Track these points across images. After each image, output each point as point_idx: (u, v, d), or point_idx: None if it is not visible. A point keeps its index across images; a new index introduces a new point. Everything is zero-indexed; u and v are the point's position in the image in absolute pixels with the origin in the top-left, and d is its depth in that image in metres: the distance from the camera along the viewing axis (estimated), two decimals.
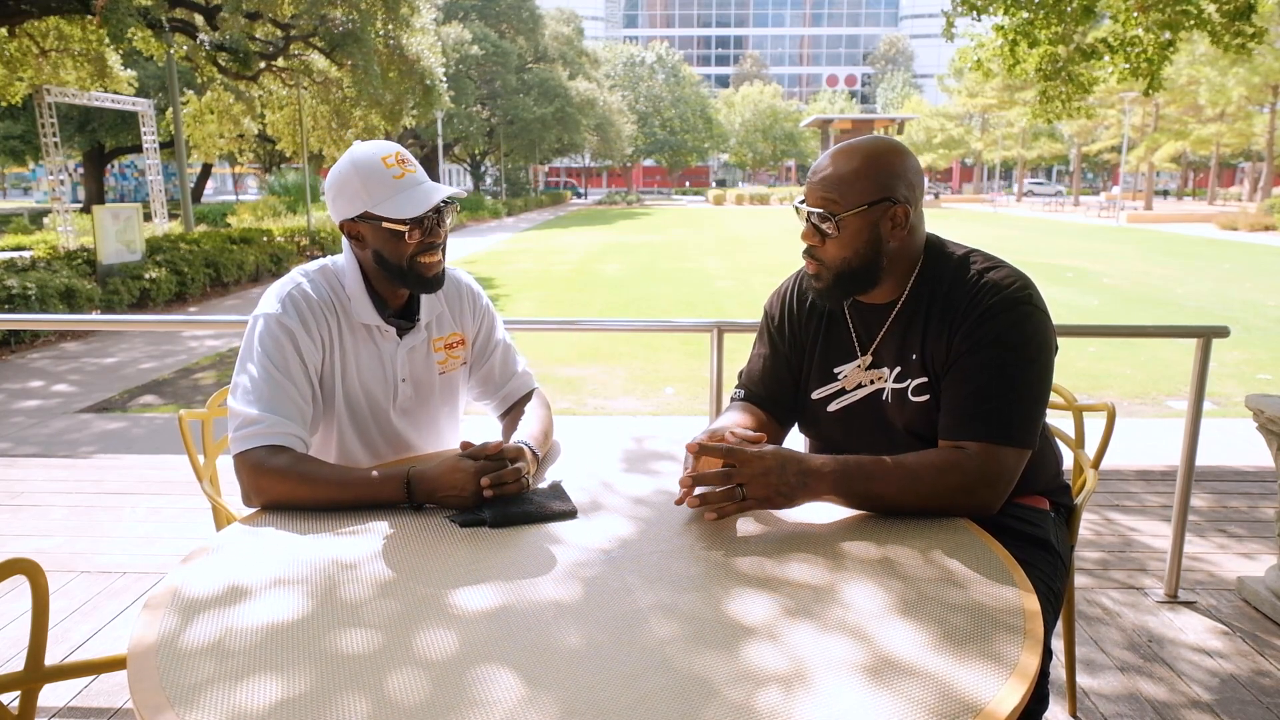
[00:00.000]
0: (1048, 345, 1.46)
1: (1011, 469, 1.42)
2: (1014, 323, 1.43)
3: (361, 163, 1.57)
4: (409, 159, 1.62)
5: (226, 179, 61.05)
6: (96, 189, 28.57)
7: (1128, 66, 6.68)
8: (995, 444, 1.40)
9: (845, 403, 1.60)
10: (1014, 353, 1.42)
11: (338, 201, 1.60)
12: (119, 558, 3.15)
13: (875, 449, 1.45)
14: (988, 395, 1.42)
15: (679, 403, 6.50)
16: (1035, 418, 1.43)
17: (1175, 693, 2.27)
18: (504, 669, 0.99)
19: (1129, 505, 3.65)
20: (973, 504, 1.41)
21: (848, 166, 1.46)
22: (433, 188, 1.60)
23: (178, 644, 1.05)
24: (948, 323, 1.47)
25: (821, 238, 1.48)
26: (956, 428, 1.44)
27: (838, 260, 1.49)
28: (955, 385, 1.46)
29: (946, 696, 0.94)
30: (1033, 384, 1.43)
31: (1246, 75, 28.10)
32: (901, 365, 1.54)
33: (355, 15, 14.48)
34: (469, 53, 36.03)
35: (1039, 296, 1.48)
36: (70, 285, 9.23)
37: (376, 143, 1.62)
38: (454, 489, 1.43)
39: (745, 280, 13.87)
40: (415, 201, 1.57)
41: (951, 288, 1.49)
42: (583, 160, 62.73)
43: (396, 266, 1.61)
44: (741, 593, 1.17)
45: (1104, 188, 58.28)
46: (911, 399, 1.52)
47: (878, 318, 1.57)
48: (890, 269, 1.51)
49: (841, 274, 1.50)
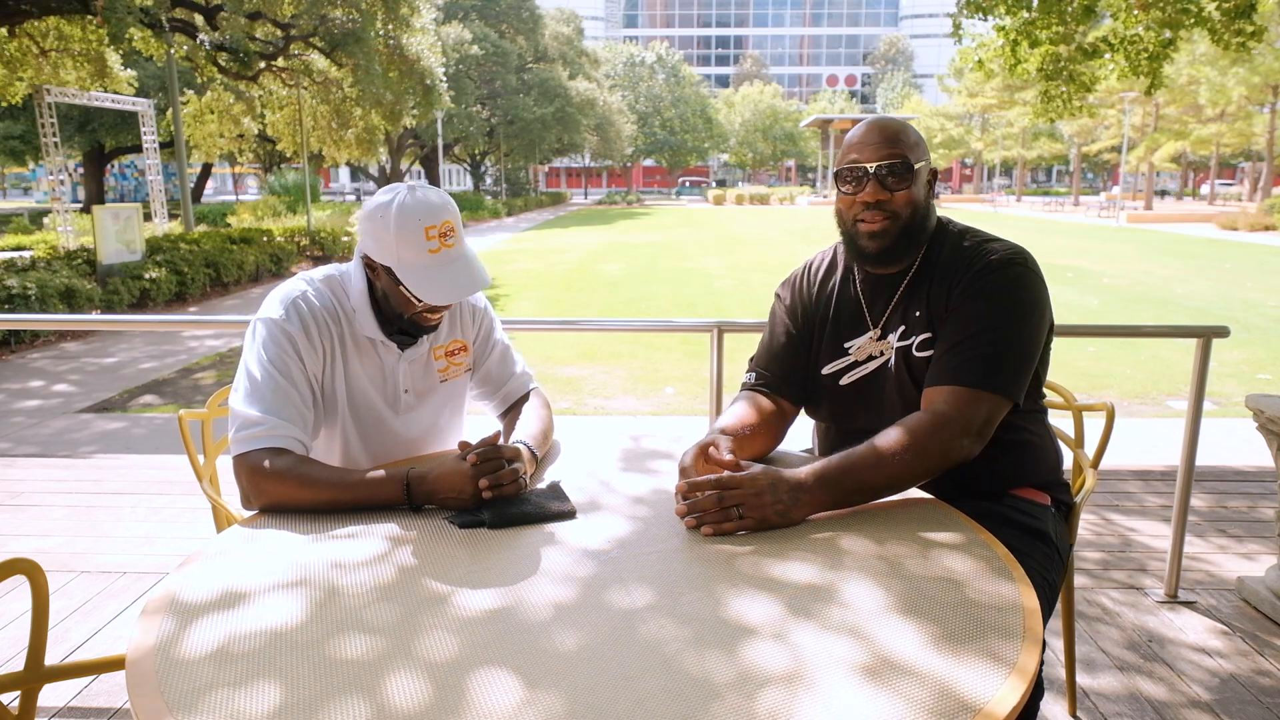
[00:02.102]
0: (1039, 306, 1.52)
1: (988, 414, 1.45)
2: (1009, 280, 1.51)
3: (404, 221, 1.52)
4: (452, 231, 1.56)
5: (226, 179, 61.05)
6: (96, 189, 28.57)
7: (1128, 65, 6.69)
8: (973, 388, 1.45)
9: (857, 375, 1.65)
10: (1003, 306, 1.49)
11: (367, 238, 1.58)
12: (119, 558, 3.15)
13: (888, 417, 1.49)
14: (972, 343, 1.48)
15: (679, 403, 6.50)
16: (1020, 370, 1.48)
17: (1175, 692, 2.27)
18: (503, 670, 0.99)
19: (1128, 505, 3.65)
20: (949, 448, 1.43)
21: (900, 128, 1.58)
22: (463, 276, 1.57)
23: (177, 647, 1.05)
24: (947, 282, 1.55)
25: (892, 191, 1.55)
26: (939, 374, 1.50)
27: (908, 208, 1.56)
28: (946, 336, 1.53)
29: (946, 695, 0.94)
30: (1020, 339, 1.49)
31: (1246, 75, 28.08)
32: (906, 325, 1.59)
33: (356, 15, 14.48)
34: (469, 53, 36.03)
35: (1035, 264, 1.55)
36: (70, 285, 9.23)
37: (429, 202, 1.55)
38: (453, 490, 1.43)
39: (745, 280, 13.87)
40: (440, 290, 1.55)
41: (954, 254, 1.58)
42: (583, 160, 62.73)
43: (398, 315, 1.63)
44: (740, 593, 1.17)
45: (1104, 188, 58.32)
46: (916, 355, 1.57)
47: (887, 289, 1.63)
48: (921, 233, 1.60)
49: (909, 224, 1.57)
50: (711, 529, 1.35)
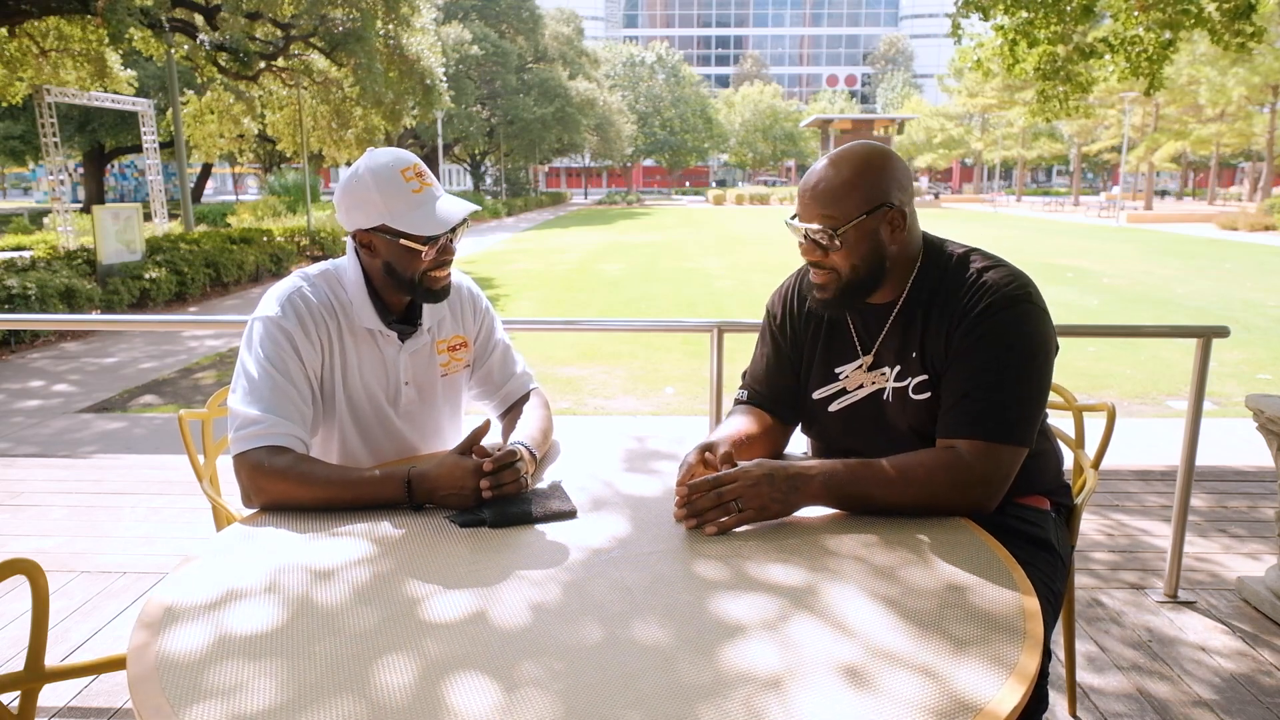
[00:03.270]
0: (1046, 344, 1.45)
1: (1008, 467, 1.42)
2: (1012, 320, 1.43)
3: (380, 174, 1.55)
4: (425, 171, 1.60)
5: (226, 179, 61.04)
6: (96, 189, 28.57)
7: (1128, 65, 6.69)
8: (992, 442, 1.40)
9: (846, 403, 1.60)
10: (1012, 350, 1.42)
11: (352, 211, 1.58)
12: (119, 558, 3.15)
13: (878, 449, 1.45)
14: (985, 393, 1.42)
15: (679, 403, 6.49)
16: (1033, 416, 1.43)
17: (1175, 692, 2.27)
18: (503, 668, 0.99)
19: (1129, 505, 3.65)
20: (968, 503, 1.41)
21: (839, 178, 1.46)
22: (452, 204, 1.59)
23: (177, 646, 1.05)
24: (946, 320, 1.48)
25: (824, 252, 1.48)
26: (953, 426, 1.44)
27: (845, 270, 1.49)
28: (953, 383, 1.46)
29: (946, 697, 0.94)
30: (1030, 382, 1.43)
31: (1246, 75, 28.09)
32: (902, 364, 1.54)
33: (356, 15, 14.48)
34: (469, 53, 36.03)
35: (1038, 295, 1.48)
36: (70, 285, 9.23)
37: (392, 152, 1.59)
38: (454, 489, 1.43)
39: (745, 280, 13.87)
40: (436, 219, 1.56)
41: (951, 286, 1.49)
42: (583, 160, 62.72)
43: (407, 280, 1.61)
44: (740, 593, 1.16)
45: (1104, 188, 58.30)
46: (913, 397, 1.52)
47: (878, 318, 1.57)
48: (891, 271, 1.51)
49: (850, 283, 1.50)
50: (714, 527, 1.34)
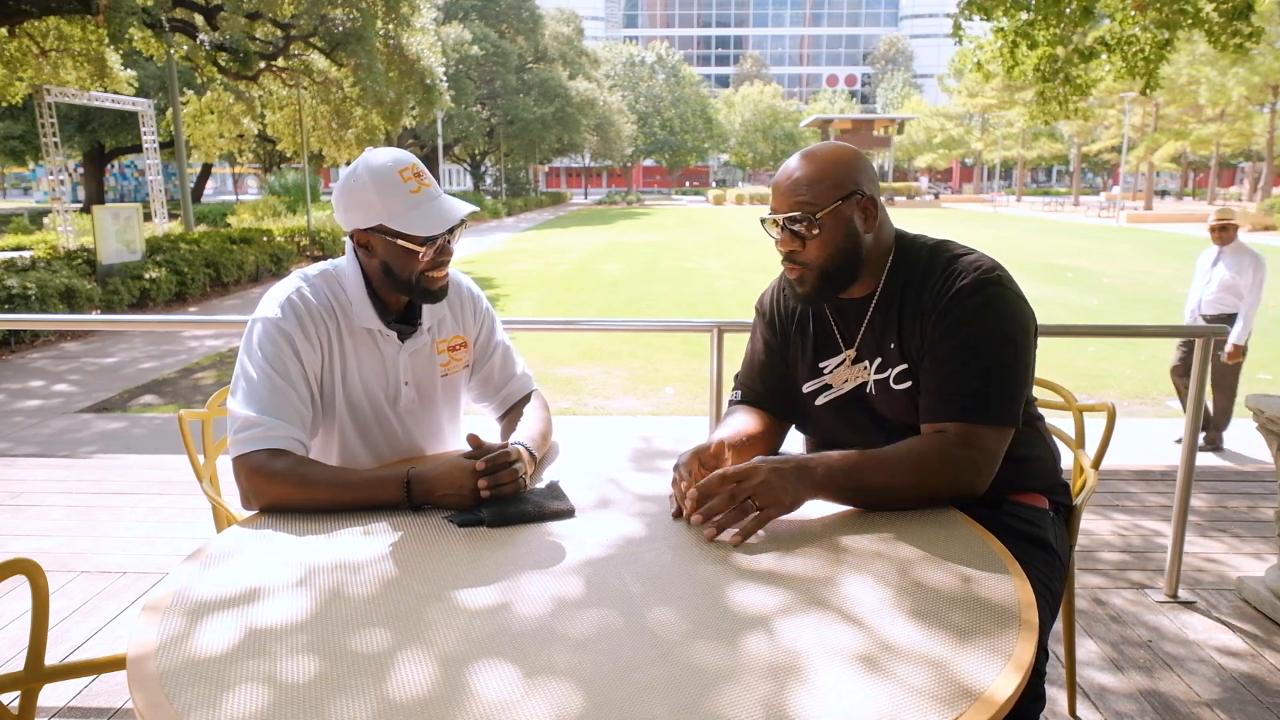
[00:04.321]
0: (1022, 324, 1.47)
1: (993, 447, 1.43)
2: (985, 303, 1.46)
3: (378, 174, 1.55)
4: (424, 172, 1.60)
5: (226, 179, 61.03)
6: (96, 189, 28.56)
7: (1124, 65, 6.69)
8: (974, 423, 1.42)
9: (832, 397, 1.63)
10: (986, 333, 1.45)
11: (350, 211, 1.58)
12: (119, 558, 3.15)
13: (867, 442, 1.47)
14: (964, 375, 1.44)
15: (679, 403, 6.50)
16: (1014, 395, 1.45)
17: (1175, 692, 2.27)
18: (502, 667, 0.99)
19: (1129, 505, 3.65)
20: (959, 485, 1.42)
21: (811, 167, 1.50)
22: (450, 205, 1.59)
23: (178, 645, 1.05)
24: (921, 309, 1.50)
25: (801, 241, 1.50)
26: (935, 410, 1.47)
27: (821, 259, 1.51)
28: (932, 369, 1.48)
29: (943, 684, 0.94)
30: (1008, 362, 1.45)
31: (1246, 75, 28.08)
32: (882, 356, 1.56)
33: (356, 15, 14.48)
34: (469, 53, 36.04)
35: (1010, 279, 1.50)
36: (70, 285, 9.23)
37: (391, 152, 1.59)
38: (452, 489, 1.43)
39: (745, 280, 13.87)
40: (433, 220, 1.56)
41: (924, 276, 1.52)
42: (583, 160, 62.73)
43: (404, 280, 1.60)
44: (739, 588, 1.17)
45: (1104, 188, 58.31)
46: (894, 388, 1.54)
47: (856, 312, 1.59)
48: (866, 262, 1.54)
49: (826, 272, 1.52)
50: (739, 537, 1.31)
